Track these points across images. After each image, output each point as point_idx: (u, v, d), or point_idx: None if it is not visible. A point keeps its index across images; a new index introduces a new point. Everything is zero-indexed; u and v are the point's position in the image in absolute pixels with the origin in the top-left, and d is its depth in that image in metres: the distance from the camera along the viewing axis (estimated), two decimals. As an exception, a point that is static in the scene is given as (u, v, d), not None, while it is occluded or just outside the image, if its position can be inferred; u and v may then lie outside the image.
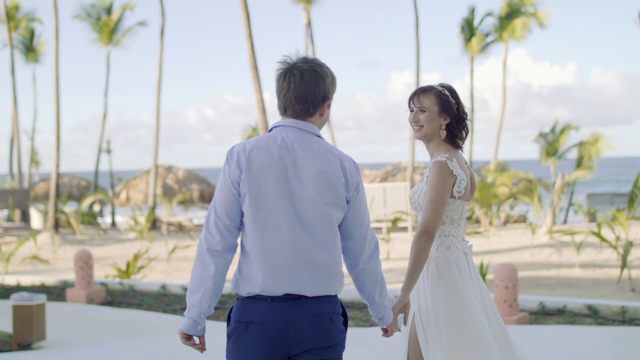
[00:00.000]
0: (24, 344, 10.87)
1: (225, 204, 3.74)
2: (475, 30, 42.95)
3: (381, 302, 4.06)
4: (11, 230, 36.19)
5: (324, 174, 3.74)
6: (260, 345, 3.69)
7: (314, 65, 3.86)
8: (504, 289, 10.91)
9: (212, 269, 3.73)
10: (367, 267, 3.93)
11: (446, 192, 4.42)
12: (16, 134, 45.28)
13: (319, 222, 3.73)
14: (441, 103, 4.57)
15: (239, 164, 3.73)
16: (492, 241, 25.88)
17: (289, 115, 3.87)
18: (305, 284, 3.69)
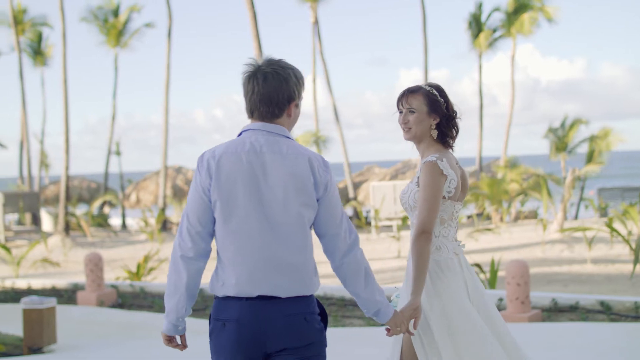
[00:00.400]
0: (34, 348, 10.85)
1: (197, 211, 3.81)
2: (483, 25, 42.84)
3: (369, 296, 3.97)
4: (22, 233, 36.25)
5: (293, 175, 3.78)
6: (237, 342, 3.76)
7: (277, 68, 3.87)
8: (515, 286, 10.84)
9: (185, 275, 3.82)
10: (345, 262, 3.90)
11: (439, 191, 4.40)
12: (25, 137, 45.34)
13: (291, 224, 3.77)
14: (430, 103, 4.54)
15: (209, 171, 3.80)
16: (503, 237, 25.80)
17: (256, 118, 3.92)
18: (278, 286, 3.75)
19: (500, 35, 42.95)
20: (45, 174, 59.35)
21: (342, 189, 40.92)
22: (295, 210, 3.77)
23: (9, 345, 11.53)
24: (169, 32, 38.48)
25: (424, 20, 37.37)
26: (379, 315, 4.04)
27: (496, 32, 42.99)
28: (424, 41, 37.50)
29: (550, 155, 40.71)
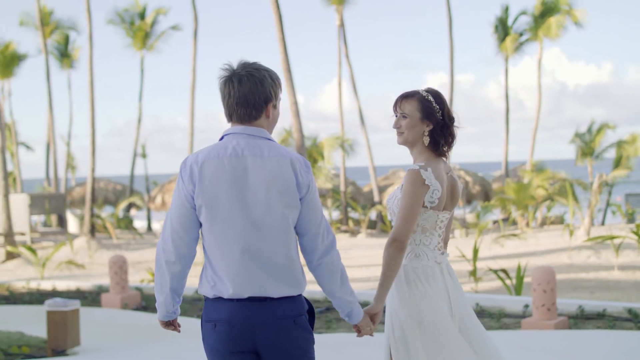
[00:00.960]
0: (58, 350, 10.86)
1: (180, 216, 3.91)
2: (510, 29, 42.66)
3: (343, 296, 4.06)
4: (48, 235, 36.42)
5: (276, 177, 3.86)
6: (227, 342, 3.87)
7: (252, 70, 3.95)
8: (542, 292, 10.74)
9: (168, 278, 3.96)
10: (323, 262, 3.98)
11: (417, 201, 4.37)
12: (52, 139, 45.58)
13: (275, 225, 3.86)
14: (423, 109, 4.49)
15: (192, 177, 3.88)
16: (529, 243, 25.62)
17: (235, 121, 4.00)
18: (268, 286, 3.84)
19: (527, 39, 42.78)
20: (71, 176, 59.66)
21: (367, 193, 40.86)
22: (279, 212, 3.85)
23: (33, 347, 11.55)
24: (195, 34, 38.55)
25: (450, 23, 37.23)
26: (352, 316, 4.13)
27: (523, 36, 42.81)
28: (450, 45, 37.36)
29: (576, 161, 40.46)
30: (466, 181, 39.08)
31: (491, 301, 13.08)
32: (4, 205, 28.46)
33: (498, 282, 16.29)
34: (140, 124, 44.25)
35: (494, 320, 11.89)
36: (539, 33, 41.58)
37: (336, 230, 34.60)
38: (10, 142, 48.27)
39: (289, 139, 36.89)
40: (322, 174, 36.42)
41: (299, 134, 23.57)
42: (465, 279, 17.65)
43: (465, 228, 31.63)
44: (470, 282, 17.06)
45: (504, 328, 11.50)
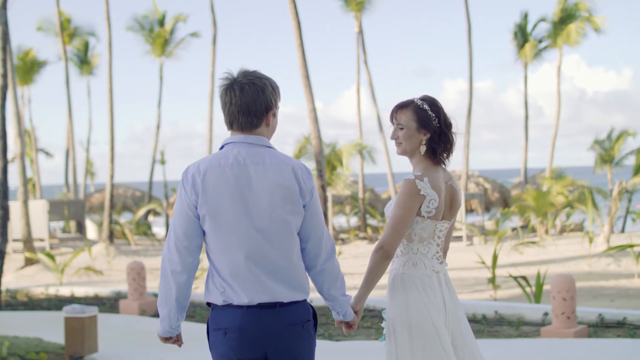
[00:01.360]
0: (75, 357, 10.85)
1: (184, 225, 3.92)
2: (529, 36, 42.52)
3: (342, 299, 4.20)
4: (67, 241, 36.53)
5: (278, 185, 3.91)
6: (239, 350, 3.88)
7: (253, 78, 3.98)
8: (561, 300, 10.66)
9: (174, 288, 3.96)
10: (326, 268, 4.09)
11: (409, 211, 4.36)
12: (71, 145, 45.74)
13: (279, 232, 3.90)
14: (419, 119, 4.48)
15: (194, 187, 3.91)
16: (548, 250, 25.49)
17: (236, 129, 4.02)
18: (277, 292, 3.89)
19: (546, 45, 42.61)
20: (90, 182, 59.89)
21: (385, 200, 40.78)
22: (283, 218, 3.90)
23: (50, 353, 11.56)
24: (214, 41, 38.64)
25: (469, 30, 37.15)
26: (346, 315, 4.26)
27: (542, 43, 42.66)
28: (469, 51, 37.28)
29: (595, 168, 40.28)
30: (485, 188, 38.96)
31: (510, 309, 13.00)
32: (23, 212, 28.56)
33: (517, 290, 16.19)
34: (159, 131, 44.38)
35: (512, 328, 11.82)
36: (558, 40, 41.42)
37: (354, 237, 34.53)
38: (30, 148, 48.52)
39: (307, 146, 36.89)
40: (340, 181, 36.41)
41: (317, 141, 23.55)
42: (484, 286, 17.56)
43: (484, 235, 31.50)
44: (489, 289, 16.97)
45: (523, 336, 11.42)
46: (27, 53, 48.91)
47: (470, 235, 31.85)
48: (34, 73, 49.88)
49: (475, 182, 39.36)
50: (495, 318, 12.73)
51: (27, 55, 48.90)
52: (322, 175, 23.34)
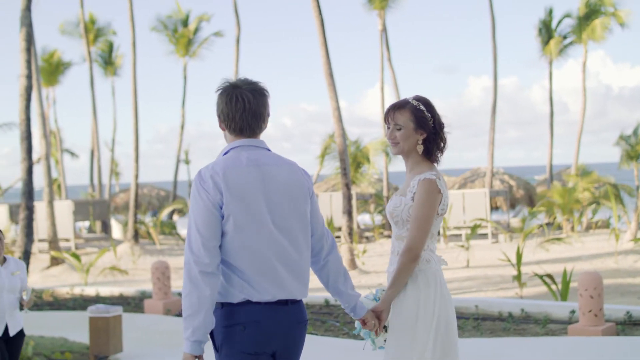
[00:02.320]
0: (100, 356, 10.87)
1: (210, 225, 3.92)
2: (553, 32, 42.23)
3: (347, 291, 4.31)
4: (92, 240, 36.68)
5: (292, 184, 4.08)
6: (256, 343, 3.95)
7: (258, 86, 4.12)
8: (588, 298, 10.55)
9: (208, 290, 3.87)
10: (329, 260, 4.25)
11: (434, 210, 4.47)
12: (96, 146, 45.92)
13: (297, 228, 4.06)
14: (416, 119, 4.56)
15: (217, 187, 3.94)
16: (575, 248, 25.32)
17: (246, 134, 4.12)
18: (293, 289, 4.03)
19: (571, 41, 42.28)
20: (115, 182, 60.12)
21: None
22: (299, 216, 4.07)
23: (75, 353, 11.58)
24: (238, 41, 38.66)
25: (494, 27, 36.95)
26: (356, 310, 4.35)
27: (567, 39, 42.34)
28: (493, 48, 37.10)
29: (620, 164, 39.97)
30: (510, 185, 38.75)
31: (536, 307, 12.90)
32: (48, 212, 28.69)
33: (543, 288, 16.07)
34: (183, 130, 44.47)
35: (539, 326, 11.72)
36: (583, 35, 41.10)
37: (379, 235, 34.45)
38: (55, 149, 48.77)
39: (331, 144, 36.81)
40: (364, 179, 36.33)
41: (341, 139, 23.48)
42: (509, 284, 17.45)
43: (510, 232, 31.34)
44: (515, 287, 16.86)
45: (550, 334, 11.32)
46: (52, 54, 49.16)
47: (495, 233, 31.70)
48: (58, 74, 50.13)
49: (500, 180, 39.15)
50: (521, 316, 12.63)
51: (52, 56, 49.15)
52: (347, 174, 23.24)
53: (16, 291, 6.88)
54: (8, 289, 6.79)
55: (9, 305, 6.80)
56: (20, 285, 6.94)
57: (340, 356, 10.31)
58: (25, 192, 22.67)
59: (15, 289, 6.88)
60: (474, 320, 12.60)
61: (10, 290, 6.82)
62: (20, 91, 22.79)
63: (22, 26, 23.15)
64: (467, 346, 10.30)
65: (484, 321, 12.56)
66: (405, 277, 4.44)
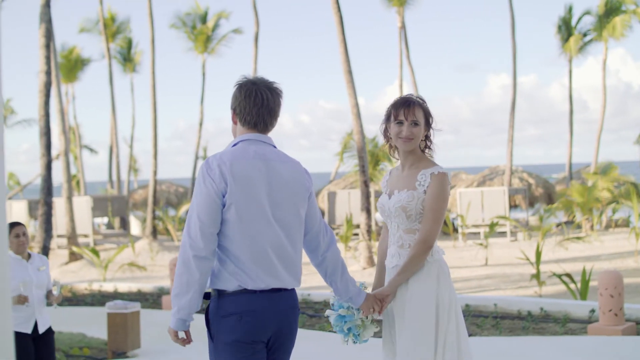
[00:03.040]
0: (118, 352, 10.87)
1: (210, 212, 4.07)
2: (573, 29, 42.01)
3: (343, 286, 4.45)
4: (110, 237, 36.80)
5: (293, 179, 4.25)
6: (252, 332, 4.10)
7: (274, 85, 4.31)
8: (609, 297, 10.47)
9: (197, 274, 4.05)
10: (327, 257, 4.38)
11: (447, 203, 4.65)
12: (115, 142, 46.08)
13: (294, 222, 4.23)
14: (426, 117, 4.75)
15: (223, 176, 4.09)
16: (594, 246, 25.17)
17: (260, 129, 4.30)
18: (285, 279, 4.18)
19: (591, 39, 42.05)
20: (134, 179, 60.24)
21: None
22: (297, 211, 4.24)
23: (94, 348, 11.60)
24: (256, 38, 38.66)
25: (513, 24, 36.79)
26: (353, 300, 4.51)
27: (587, 36, 42.11)
28: (513, 46, 36.94)
29: (642, 162, 39.74)
30: (529, 183, 38.58)
31: (556, 306, 12.82)
32: (67, 208, 28.77)
33: (562, 286, 15.98)
34: (201, 127, 44.50)
35: (559, 325, 11.65)
36: (603, 33, 40.85)
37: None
38: (74, 145, 48.93)
39: (350, 142, 36.76)
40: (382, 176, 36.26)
41: (359, 136, 23.43)
42: (528, 283, 17.36)
43: (528, 231, 31.20)
44: (534, 285, 16.78)
45: (570, 333, 11.25)
46: (71, 51, 49.34)
47: (514, 231, 31.57)
48: (78, 71, 50.31)
49: (519, 178, 38.98)
50: (540, 315, 12.56)
51: (71, 53, 49.33)
52: (365, 171, 23.19)
53: (43, 287, 6.84)
54: (36, 285, 6.77)
55: (38, 302, 6.77)
56: (46, 281, 6.91)
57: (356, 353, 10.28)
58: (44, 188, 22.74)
59: (42, 284, 6.85)
60: (493, 318, 12.54)
61: (38, 286, 6.80)
62: (40, 87, 22.86)
63: (42, 22, 23.22)
64: (486, 345, 10.25)
65: (502, 320, 12.50)
66: (417, 266, 4.57)
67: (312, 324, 12.94)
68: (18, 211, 34.09)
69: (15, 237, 6.80)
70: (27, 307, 6.68)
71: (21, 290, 6.66)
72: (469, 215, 31.42)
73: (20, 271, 6.76)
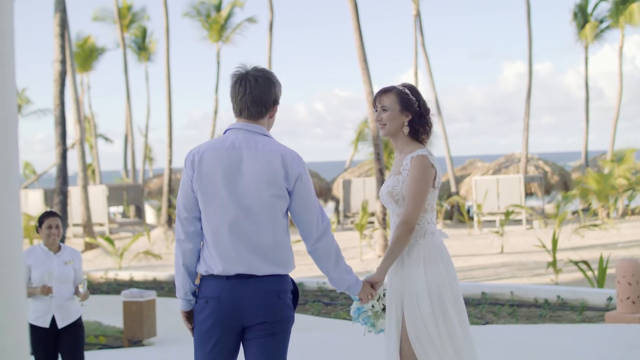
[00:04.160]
0: (134, 340, 10.88)
1: (183, 199, 4.35)
2: (589, 16, 41.74)
3: (338, 275, 4.47)
4: (126, 225, 36.87)
5: (265, 169, 4.27)
6: (216, 317, 4.23)
7: (266, 73, 4.42)
8: (626, 285, 10.40)
9: (180, 256, 4.33)
10: (318, 247, 4.39)
11: (427, 184, 4.70)
12: (130, 131, 46.14)
13: (262, 211, 4.26)
14: (402, 101, 4.82)
15: (193, 165, 4.33)
16: (610, 234, 25.06)
17: (244, 117, 4.42)
18: (253, 265, 4.23)
19: (607, 26, 41.77)
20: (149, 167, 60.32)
21: (444, 183, 40.44)
22: (267, 199, 4.25)
23: (109, 337, 11.62)
24: (271, 26, 38.58)
25: (528, 12, 36.57)
26: (350, 290, 4.55)
27: (603, 23, 41.83)
28: (528, 34, 36.73)
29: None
30: (544, 171, 38.42)
31: (573, 293, 12.76)
32: (83, 197, 28.84)
33: (579, 274, 15.91)
34: (216, 116, 44.47)
35: (576, 313, 11.59)
36: (620, 19, 40.54)
37: (412, 221, 34.28)
38: (90, 134, 49.02)
39: (365, 130, 36.68)
40: (397, 165, 36.13)
41: (374, 124, 23.38)
42: (544, 270, 17.30)
43: (544, 218, 31.10)
44: (550, 273, 16.71)
45: (587, 321, 11.19)
46: (86, 40, 49.39)
47: (530, 219, 31.46)
48: (92, 60, 50.38)
49: (535, 165, 38.81)
50: (557, 303, 12.51)
51: (86, 42, 49.38)
52: (380, 159, 23.15)
53: (68, 282, 6.59)
54: (58, 279, 6.54)
55: (58, 296, 6.54)
56: (73, 276, 6.66)
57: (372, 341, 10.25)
58: (60, 177, 22.80)
59: (67, 279, 6.58)
60: (510, 306, 12.49)
61: (61, 280, 6.56)
62: (55, 76, 22.90)
63: (56, 12, 23.24)
64: (502, 332, 10.20)
65: (519, 308, 12.45)
66: (400, 248, 4.66)
67: (327, 312, 12.92)
68: (34, 200, 34.20)
69: (47, 228, 6.64)
70: (51, 298, 6.55)
71: (45, 281, 6.53)
72: (484, 203, 31.33)
73: (44, 263, 6.60)
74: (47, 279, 6.53)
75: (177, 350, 10.42)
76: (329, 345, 9.82)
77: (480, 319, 11.68)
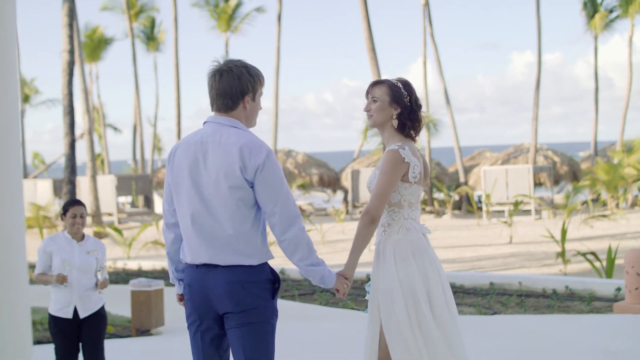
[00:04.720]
0: (142, 330, 10.89)
1: (165, 192, 4.59)
2: (599, 6, 41.59)
3: (307, 267, 4.42)
4: (134, 215, 36.92)
5: (223, 162, 4.33)
6: (191, 303, 4.42)
7: (232, 66, 4.47)
8: (635, 275, 10.36)
9: (167, 245, 4.62)
10: (286, 238, 4.36)
11: (394, 179, 4.69)
12: (139, 121, 46.18)
13: (222, 203, 4.33)
14: (392, 94, 4.84)
15: (169, 160, 4.53)
16: (620, 224, 25.00)
17: (215, 110, 4.52)
18: (215, 256, 4.33)
19: (617, 15, 41.60)
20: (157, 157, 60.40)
21: (452, 173, 40.41)
22: (226, 192, 4.31)
23: (117, 326, 11.63)
24: (279, 16, 38.53)
25: (538, 2, 36.45)
26: (324, 282, 4.49)
27: (613, 13, 41.67)
28: (538, 24, 36.61)
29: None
30: (554, 161, 38.35)
31: (581, 284, 12.73)
32: (91, 187, 28.89)
33: (587, 265, 15.88)
34: (225, 106, 44.44)
35: (584, 303, 11.56)
36: (629, 9, 40.38)
37: (422, 212, 34.26)
38: (98, 124, 49.08)
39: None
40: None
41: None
42: (553, 261, 17.26)
43: (553, 209, 31.04)
44: (559, 263, 16.68)
45: (595, 312, 11.17)
46: (95, 30, 49.40)
47: (539, 209, 31.41)
48: (101, 50, 50.39)
49: (544, 156, 38.74)
50: (565, 293, 12.48)
51: (95, 32, 49.39)
52: (388, 149, 23.19)
53: (90, 272, 6.55)
54: (79, 268, 6.50)
55: (78, 286, 6.51)
56: (95, 266, 6.64)
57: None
58: (68, 166, 22.84)
59: (89, 269, 6.53)
60: (518, 297, 12.47)
61: (82, 269, 6.52)
62: (63, 66, 22.91)
63: (65, 1, 23.24)
64: (510, 323, 10.19)
65: (527, 298, 12.43)
66: (364, 240, 4.67)
67: (335, 301, 12.92)
68: (43, 190, 34.27)
69: (72, 217, 6.60)
70: (65, 287, 6.50)
71: (65, 270, 6.49)
72: (493, 193, 31.28)
73: (65, 251, 6.56)
74: (67, 268, 6.50)
75: (185, 340, 10.37)
76: (336, 335, 9.82)
77: (489, 309, 11.66)
